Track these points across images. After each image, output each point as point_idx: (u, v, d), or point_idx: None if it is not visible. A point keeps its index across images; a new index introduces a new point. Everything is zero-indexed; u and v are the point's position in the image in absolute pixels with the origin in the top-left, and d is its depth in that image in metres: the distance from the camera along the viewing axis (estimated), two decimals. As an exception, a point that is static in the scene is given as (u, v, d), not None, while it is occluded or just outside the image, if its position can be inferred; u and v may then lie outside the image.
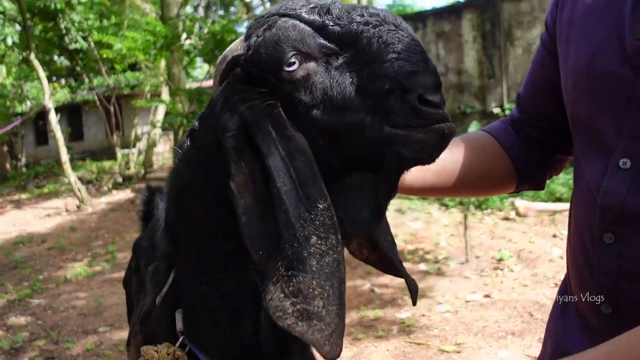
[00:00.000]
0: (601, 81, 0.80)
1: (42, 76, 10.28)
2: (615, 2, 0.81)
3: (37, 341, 4.02)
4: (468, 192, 1.14)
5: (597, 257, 0.80)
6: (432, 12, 9.28)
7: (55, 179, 14.45)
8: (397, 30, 0.75)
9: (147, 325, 1.03)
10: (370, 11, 0.77)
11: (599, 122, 0.81)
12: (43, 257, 6.91)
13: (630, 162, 0.76)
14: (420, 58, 0.74)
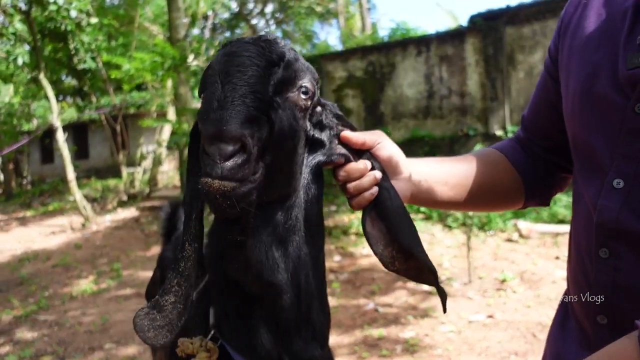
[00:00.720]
0: (596, 106, 0.87)
1: (50, 95, 10.44)
2: (609, 34, 0.89)
3: (44, 357, 4.06)
4: (480, 206, 1.20)
5: (594, 271, 0.87)
6: (435, 36, 9.43)
7: (60, 197, 14.54)
8: (217, 76, 0.77)
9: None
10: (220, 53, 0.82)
11: (594, 143, 0.88)
12: (48, 274, 6.96)
13: (623, 182, 0.83)
14: (209, 106, 0.74)
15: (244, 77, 0.75)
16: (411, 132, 9.41)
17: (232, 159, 0.71)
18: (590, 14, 0.94)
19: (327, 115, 0.95)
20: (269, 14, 22.75)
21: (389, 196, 0.94)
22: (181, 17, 11.04)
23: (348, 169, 0.94)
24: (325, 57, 10.49)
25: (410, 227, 0.94)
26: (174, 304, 0.85)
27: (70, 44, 11.00)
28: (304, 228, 0.92)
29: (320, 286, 0.96)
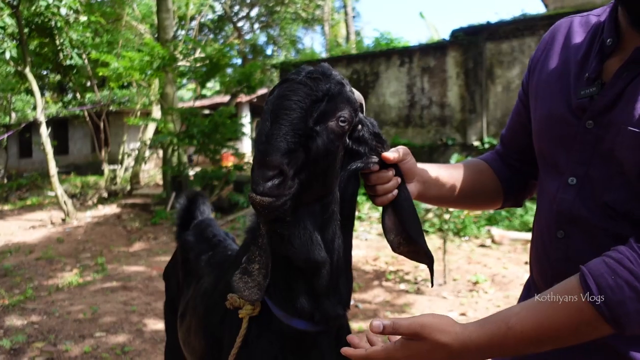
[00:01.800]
0: (557, 125, 1.14)
1: (35, 90, 10.48)
2: (566, 72, 1.16)
3: (36, 343, 4.21)
4: (468, 204, 1.47)
5: (552, 248, 1.13)
6: (418, 48, 9.77)
7: (38, 192, 14.51)
8: (268, 114, 1.02)
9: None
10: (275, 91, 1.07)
11: (556, 153, 1.15)
12: (32, 266, 7.05)
13: (576, 180, 1.09)
14: (259, 139, 0.99)
15: (289, 118, 0.99)
16: (392, 140, 9.72)
17: (271, 181, 0.95)
18: (552, 55, 1.22)
19: (365, 132, 1.18)
20: (255, 18, 22.96)
21: (405, 197, 1.18)
22: (170, 18, 11.22)
23: (380, 175, 1.18)
24: (311, 64, 10.73)
25: (417, 222, 1.19)
26: (259, 269, 1.11)
27: (57, 40, 11.05)
28: (339, 218, 1.16)
29: (347, 263, 1.20)
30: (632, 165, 0.97)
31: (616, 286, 0.85)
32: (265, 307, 1.21)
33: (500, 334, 0.92)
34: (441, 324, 0.94)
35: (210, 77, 10.28)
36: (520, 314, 0.93)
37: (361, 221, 8.15)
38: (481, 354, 0.94)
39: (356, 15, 23.96)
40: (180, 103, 13.70)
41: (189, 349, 1.58)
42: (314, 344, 1.20)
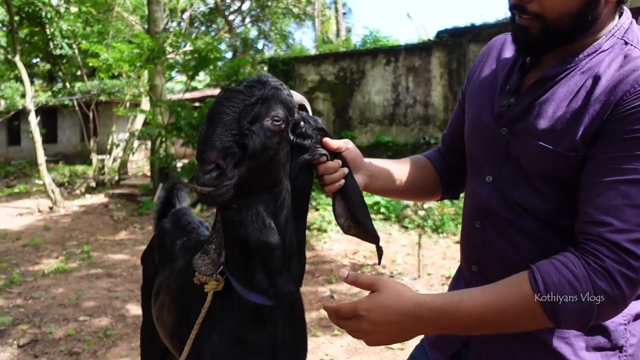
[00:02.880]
0: (481, 130, 1.31)
1: (25, 78, 10.53)
2: (493, 82, 1.33)
3: (21, 325, 4.35)
4: (410, 196, 1.63)
5: (471, 236, 1.31)
6: (404, 48, 9.95)
7: (26, 180, 14.55)
8: (206, 119, 1.18)
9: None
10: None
11: (478, 153, 1.32)
12: (18, 253, 7.16)
13: (492, 178, 1.26)
14: (199, 140, 1.15)
15: (222, 120, 1.15)
16: (377, 137, 9.91)
17: (209, 174, 1.12)
18: (486, 67, 1.39)
19: (308, 128, 1.34)
20: (246, 11, 23.02)
21: (352, 186, 1.34)
22: (161, 10, 11.29)
23: (327, 166, 1.33)
24: (298, 60, 10.89)
25: (364, 207, 1.35)
26: (215, 249, 1.29)
27: (48, 29, 11.10)
28: (291, 205, 1.32)
29: (300, 246, 1.37)
30: (534, 170, 1.14)
31: (559, 284, 0.96)
32: (229, 284, 1.38)
33: (453, 304, 1.02)
34: (398, 284, 1.07)
35: (199, 70, 10.37)
36: (473, 292, 1.04)
37: (343, 216, 8.32)
38: (433, 319, 1.02)
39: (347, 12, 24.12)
40: (171, 95, 13.79)
41: (161, 325, 1.75)
42: (270, 316, 1.37)
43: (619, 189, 0.98)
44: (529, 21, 1.10)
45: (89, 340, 4.07)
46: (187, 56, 10.46)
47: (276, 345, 1.39)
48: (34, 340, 4.07)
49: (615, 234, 0.96)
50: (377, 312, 1.03)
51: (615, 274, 0.95)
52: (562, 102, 1.12)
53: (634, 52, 1.07)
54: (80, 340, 4.08)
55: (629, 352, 1.14)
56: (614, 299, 0.96)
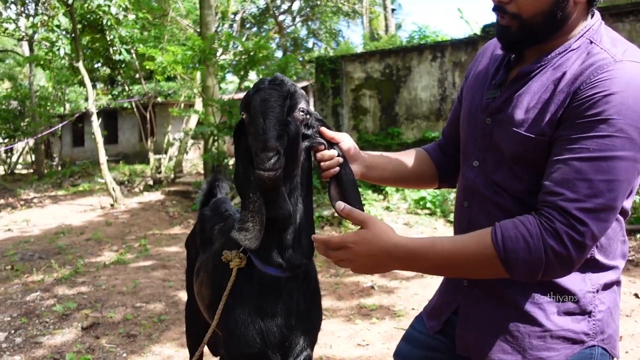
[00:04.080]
0: (471, 120, 1.46)
1: (87, 82, 11.18)
2: (484, 78, 1.48)
3: (84, 310, 4.74)
4: (407, 184, 1.81)
5: (460, 214, 1.47)
6: (450, 43, 9.94)
7: (89, 179, 15.38)
8: (259, 114, 1.35)
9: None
10: (256, 95, 1.41)
11: (468, 141, 1.47)
12: (82, 246, 7.69)
13: (478, 162, 1.41)
14: (257, 132, 1.33)
15: (274, 113, 1.35)
16: (423, 133, 9.95)
17: (272, 160, 1.30)
18: (480, 65, 1.54)
19: (312, 119, 1.54)
20: (296, 11, 23.37)
21: (345, 173, 1.52)
22: (212, 13, 11.72)
23: (323, 153, 1.52)
24: (345, 58, 11.06)
25: (356, 192, 1.52)
26: (253, 226, 1.45)
27: (108, 35, 11.73)
28: (300, 187, 1.53)
29: (309, 221, 1.56)
30: (510, 154, 1.30)
31: (515, 237, 1.13)
32: (250, 261, 1.59)
33: (426, 246, 1.20)
34: (384, 224, 1.24)
35: (249, 70, 10.71)
36: (444, 238, 1.23)
37: (389, 211, 8.45)
38: (406, 258, 1.21)
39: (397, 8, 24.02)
40: (225, 95, 14.24)
41: (200, 299, 1.98)
42: (285, 287, 1.57)
43: (572, 165, 1.13)
44: (509, 20, 1.26)
45: (145, 324, 4.40)
46: (237, 57, 10.82)
47: (291, 312, 1.59)
48: (96, 324, 4.44)
49: (566, 202, 1.12)
50: (361, 245, 1.21)
51: (563, 235, 1.11)
52: (535, 94, 1.27)
53: (595, 49, 1.22)
54: (136, 324, 4.42)
55: (598, 317, 1.28)
56: (561, 256, 1.11)
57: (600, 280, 1.28)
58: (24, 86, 18.36)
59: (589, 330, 1.27)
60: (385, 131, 10.40)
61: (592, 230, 1.11)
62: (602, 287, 1.29)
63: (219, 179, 2.62)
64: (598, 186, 1.11)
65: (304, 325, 1.63)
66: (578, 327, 1.27)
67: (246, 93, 1.47)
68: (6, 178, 17.13)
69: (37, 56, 14.36)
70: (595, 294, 1.28)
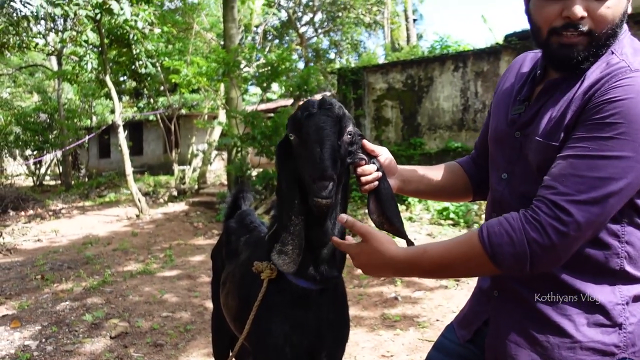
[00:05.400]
0: (499, 134, 1.49)
1: (114, 95, 11.42)
2: (510, 94, 1.51)
3: (113, 319, 4.83)
4: (442, 198, 1.84)
5: None
6: (472, 53, 9.93)
7: (115, 190, 15.65)
8: (315, 143, 1.38)
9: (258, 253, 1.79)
10: (312, 120, 1.43)
11: (497, 155, 1.50)
12: (109, 256, 7.83)
13: (507, 175, 1.44)
14: (315, 160, 1.36)
15: (330, 141, 1.39)
16: (446, 143, 9.93)
17: (328, 188, 1.36)
18: (507, 81, 1.58)
19: (356, 136, 1.56)
20: (317, 23, 23.54)
21: (384, 187, 1.56)
22: (236, 26, 11.90)
23: (364, 168, 1.56)
24: (367, 69, 11.11)
25: (394, 206, 1.56)
26: (293, 249, 1.50)
27: (134, 49, 11.98)
28: (339, 203, 1.58)
29: (342, 235, 1.59)
30: (536, 163, 1.32)
31: (499, 232, 1.18)
32: (280, 273, 1.63)
33: (418, 254, 1.29)
34: (382, 237, 1.33)
35: (271, 82, 10.83)
36: (435, 243, 1.30)
37: (412, 222, 8.43)
38: (403, 267, 1.31)
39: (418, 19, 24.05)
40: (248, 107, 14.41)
41: (227, 309, 2.03)
42: (315, 299, 1.61)
43: (569, 161, 1.18)
44: (579, 38, 1.24)
45: (171, 333, 4.47)
46: (261, 69, 10.95)
47: (321, 323, 1.62)
48: (124, 333, 4.52)
49: (556, 195, 1.16)
50: (362, 256, 1.36)
51: (546, 226, 1.15)
52: (557, 103, 1.31)
53: (614, 59, 1.24)
54: (163, 334, 4.49)
55: (629, 330, 1.28)
56: (544, 247, 1.15)
57: (630, 292, 1.29)
58: (53, 99, 18.81)
59: (619, 343, 1.27)
60: (407, 141, 10.40)
61: (577, 220, 1.13)
62: (633, 299, 1.29)
63: (243, 190, 2.67)
64: (590, 182, 1.14)
65: (333, 336, 1.67)
66: (608, 339, 1.27)
67: (294, 115, 1.50)
68: (35, 189, 17.50)
69: (65, 70, 14.73)
70: (625, 306, 1.28)
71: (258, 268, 1.67)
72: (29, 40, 13.23)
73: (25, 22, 11.93)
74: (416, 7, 24.29)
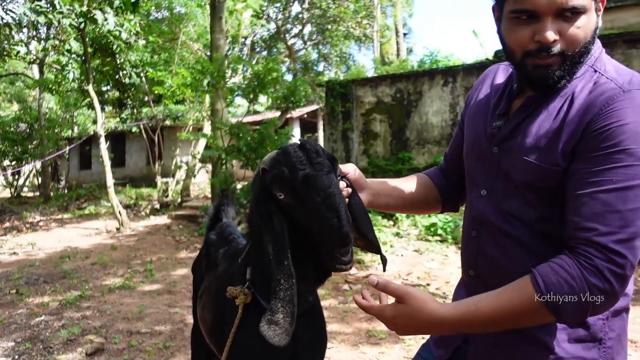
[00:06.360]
0: (476, 149, 1.51)
1: (96, 106, 11.36)
2: (487, 107, 1.53)
3: (89, 335, 4.78)
4: (412, 210, 1.83)
5: (468, 244, 1.50)
6: (461, 68, 10.06)
7: (95, 202, 15.53)
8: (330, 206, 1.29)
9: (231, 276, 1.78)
10: (312, 178, 1.34)
11: (475, 170, 1.52)
12: (88, 270, 7.75)
13: (486, 191, 1.46)
14: (333, 223, 1.27)
15: (342, 206, 1.30)
16: (434, 158, 10.01)
17: (350, 252, 1.35)
18: (480, 93, 1.59)
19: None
20: (306, 35, 23.71)
21: (356, 202, 1.55)
22: (223, 37, 11.95)
23: None
24: (356, 82, 11.20)
25: (367, 220, 1.55)
26: (284, 318, 1.40)
27: (118, 59, 11.98)
28: None
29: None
30: (521, 182, 1.34)
31: (557, 283, 1.15)
32: (255, 297, 1.64)
33: (470, 312, 1.21)
34: (423, 296, 1.23)
35: (258, 93, 10.86)
36: (486, 298, 1.22)
37: (399, 237, 8.46)
38: (451, 327, 1.23)
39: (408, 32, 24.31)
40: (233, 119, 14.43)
41: (203, 323, 2.02)
42: None
43: (598, 198, 1.17)
44: (552, 59, 1.26)
45: (150, 350, 4.43)
46: (247, 80, 11.00)
47: (297, 342, 1.62)
48: (100, 350, 4.47)
49: (601, 237, 1.15)
50: (400, 320, 1.25)
51: (604, 271, 1.13)
52: (543, 122, 1.31)
53: (602, 79, 1.26)
54: (141, 351, 4.44)
55: (608, 345, 1.30)
56: (606, 292, 1.14)
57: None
58: (33, 109, 18.71)
59: (599, 358, 1.29)
60: (395, 156, 10.47)
61: (630, 260, 1.14)
62: (612, 314, 1.31)
63: (224, 203, 2.68)
64: (628, 216, 1.14)
65: (309, 354, 1.67)
66: (589, 354, 1.29)
67: (281, 174, 1.39)
68: (12, 201, 17.32)
69: (47, 79, 14.67)
70: (605, 321, 1.30)
71: (232, 293, 1.66)
72: (10, 48, 13.19)
73: (7, 29, 11.91)
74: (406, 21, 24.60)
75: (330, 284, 6.00)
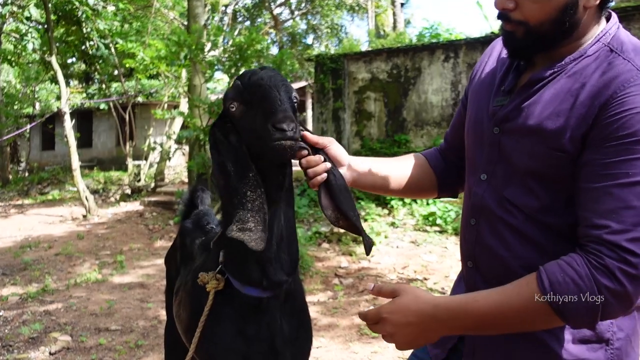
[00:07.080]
0: (477, 128, 1.50)
1: (60, 79, 11.24)
2: (490, 83, 1.52)
3: (53, 333, 4.77)
4: (402, 193, 1.83)
5: (467, 232, 1.51)
6: (464, 42, 10.04)
7: (59, 186, 15.43)
8: (272, 88, 1.44)
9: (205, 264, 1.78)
10: (257, 75, 1.48)
11: (475, 152, 1.51)
12: (51, 261, 7.72)
13: (486, 176, 1.45)
14: (275, 104, 1.41)
15: (287, 87, 1.45)
16: (433, 141, 10.02)
17: (292, 125, 1.37)
18: (486, 68, 1.59)
19: (297, 120, 1.54)
20: (294, 4, 23.53)
21: (335, 179, 1.56)
22: (201, 5, 11.82)
23: (308, 159, 1.53)
24: (348, 56, 11.15)
25: (349, 199, 1.55)
26: (256, 225, 1.44)
27: (84, 28, 11.82)
28: (281, 209, 1.58)
29: (290, 235, 1.59)
30: (524, 168, 1.33)
31: (564, 282, 1.14)
32: (228, 282, 1.64)
33: (468, 303, 1.22)
34: (415, 289, 1.28)
35: (239, 67, 10.78)
36: (485, 292, 1.24)
37: (394, 227, 8.50)
38: (448, 319, 1.23)
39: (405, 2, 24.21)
40: (212, 96, 14.32)
41: (179, 321, 2.02)
42: (267, 308, 1.61)
43: (612, 193, 1.16)
44: (514, 27, 1.31)
45: (120, 349, 4.43)
46: (228, 53, 10.90)
47: (275, 336, 1.63)
48: (66, 348, 4.46)
49: (614, 235, 1.14)
50: (398, 314, 1.25)
51: (615, 271, 1.13)
52: (548, 103, 1.30)
53: (618, 59, 1.24)
54: (111, 350, 4.45)
55: (616, 346, 1.31)
56: (617, 294, 1.13)
57: None
58: (-11, 82, 18.45)
59: None
60: (391, 138, 10.48)
61: None
62: None
63: (199, 189, 2.66)
64: None
65: (291, 351, 1.67)
66: (594, 356, 1.30)
67: (234, 85, 1.52)
68: (-33, 185, 17.16)
69: (5, 50, 14.46)
70: (612, 321, 1.31)
71: (203, 279, 1.65)
72: (-37, 14, 12.97)
73: (-42, -7, 11.70)
74: (404, -10, 24.47)
75: (320, 278, 6.02)
